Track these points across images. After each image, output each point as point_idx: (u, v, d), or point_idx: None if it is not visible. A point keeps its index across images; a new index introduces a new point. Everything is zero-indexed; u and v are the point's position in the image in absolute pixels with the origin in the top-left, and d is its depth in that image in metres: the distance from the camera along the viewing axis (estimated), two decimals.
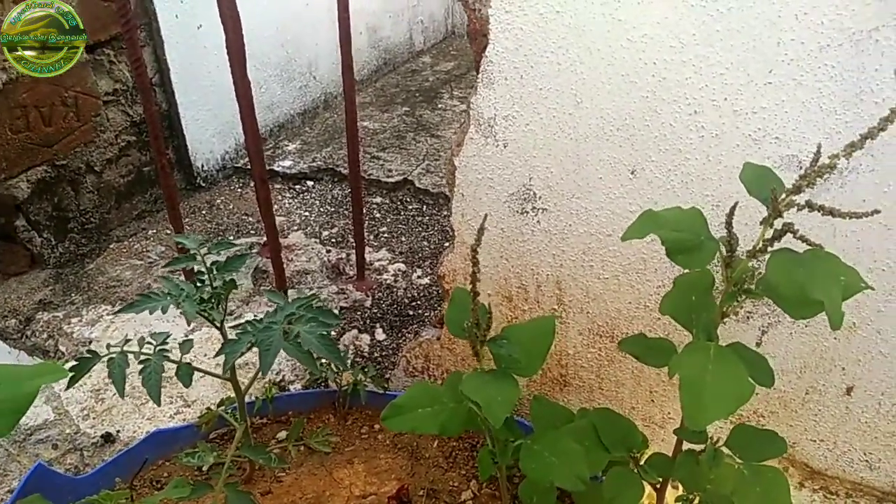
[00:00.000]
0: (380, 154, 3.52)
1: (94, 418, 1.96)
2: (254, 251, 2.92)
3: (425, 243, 2.96)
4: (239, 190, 3.39)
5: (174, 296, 1.27)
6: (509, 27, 1.36)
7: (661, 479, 1.15)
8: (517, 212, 1.55)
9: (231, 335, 1.32)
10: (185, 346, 1.42)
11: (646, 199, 1.40)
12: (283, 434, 1.78)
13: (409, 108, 4.03)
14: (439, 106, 4.07)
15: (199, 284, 1.36)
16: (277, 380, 2.12)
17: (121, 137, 2.89)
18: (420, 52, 4.83)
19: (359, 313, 2.54)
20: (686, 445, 1.16)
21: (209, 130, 3.26)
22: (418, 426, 1.02)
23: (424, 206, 3.21)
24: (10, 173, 2.53)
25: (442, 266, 1.72)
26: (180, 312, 1.31)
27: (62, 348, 2.35)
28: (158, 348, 1.33)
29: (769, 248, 0.92)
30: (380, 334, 2.44)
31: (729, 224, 0.93)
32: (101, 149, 2.81)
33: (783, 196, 0.87)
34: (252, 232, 3.08)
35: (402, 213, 3.17)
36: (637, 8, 1.25)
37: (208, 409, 1.62)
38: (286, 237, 3.03)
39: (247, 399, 1.64)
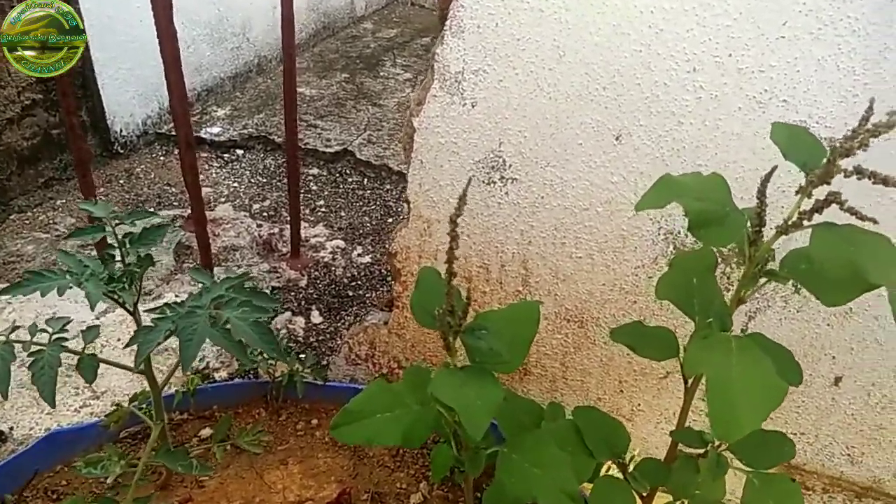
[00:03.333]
0: (317, 122, 3.28)
1: None
2: (177, 224, 2.65)
3: (366, 219, 2.76)
4: (161, 158, 3.09)
5: (75, 274, 1.04)
6: None
7: (650, 488, 1.01)
8: (483, 181, 1.37)
9: (147, 320, 1.10)
10: (89, 333, 1.18)
11: (630, 168, 1.25)
12: (206, 431, 1.56)
13: (350, 74, 3.79)
14: (381, 74, 3.84)
15: (107, 260, 1.13)
16: (200, 367, 1.89)
17: (24, 95, 2.57)
18: (361, 17, 4.57)
19: (293, 294, 2.33)
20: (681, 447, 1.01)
21: (129, 92, 2.95)
22: (376, 436, 0.83)
23: (365, 179, 2.99)
24: None
25: (394, 242, 1.53)
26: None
27: None
28: (55, 337, 1.10)
29: (805, 222, 0.76)
30: (316, 317, 2.23)
31: (762, 193, 0.77)
32: None
33: (830, 160, 0.72)
34: (175, 204, 2.80)
35: (342, 186, 2.94)
36: None
37: (118, 405, 1.39)
38: (213, 210, 2.76)
39: (165, 391, 1.42)
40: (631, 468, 1.02)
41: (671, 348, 0.94)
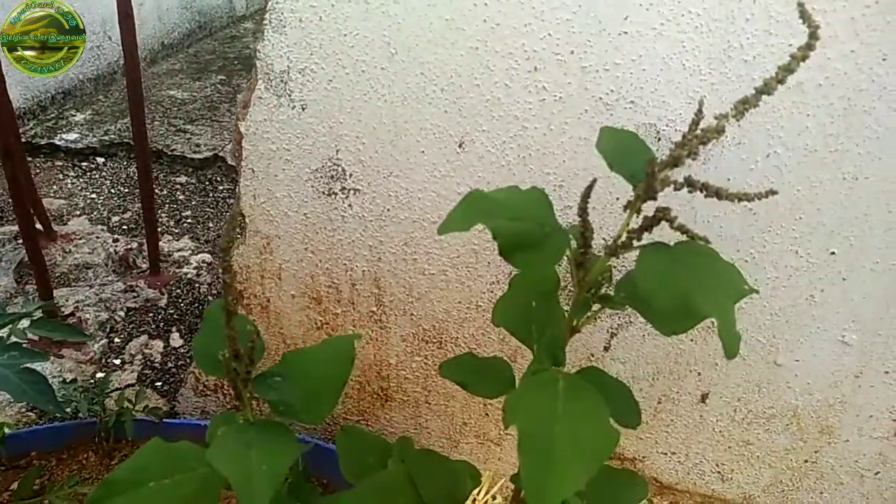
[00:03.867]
0: (187, 127, 3.06)
1: None
2: (18, 241, 2.39)
3: None
4: None
5: None
6: None
7: None
8: (323, 192, 1.24)
9: None
10: None
11: (476, 177, 1.14)
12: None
13: (226, 76, 3.58)
14: None
15: None
16: (23, 406, 1.68)
17: None
18: (242, 17, 4.35)
19: (150, 315, 2.13)
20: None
21: None
22: None
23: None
24: None
25: (232, 260, 1.37)
26: None
27: None
28: None
29: (635, 242, 0.67)
30: (176, 340, 2.04)
31: (583, 209, 0.67)
32: None
33: (659, 171, 0.63)
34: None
35: (211, 195, 2.75)
36: None
37: None
38: (65, 224, 2.52)
39: None
40: None
41: (506, 383, 0.83)
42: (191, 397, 1.61)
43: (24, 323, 1.05)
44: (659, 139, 1.02)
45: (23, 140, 2.90)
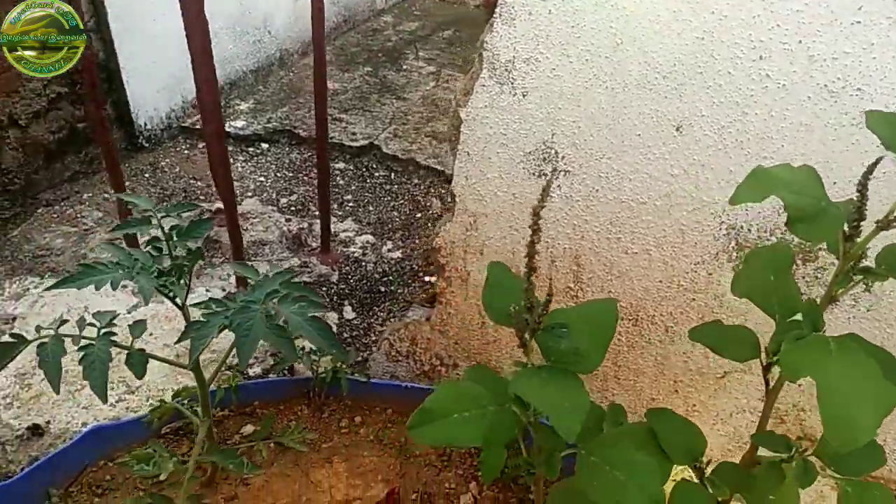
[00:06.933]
0: (342, 116, 3.25)
1: (18, 407, 1.67)
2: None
3: (395, 214, 2.72)
4: (186, 152, 3.06)
5: (127, 267, 1.01)
6: None
7: (730, 495, 0.97)
8: (533, 174, 1.33)
9: (194, 315, 1.07)
10: (137, 328, 1.15)
11: (691, 160, 1.20)
12: (248, 428, 1.53)
13: (372, 68, 3.75)
14: (404, 67, 3.80)
15: (155, 254, 1.10)
16: (234, 363, 1.87)
17: (50, 88, 2.54)
18: (381, 10, 4.53)
19: (324, 289, 2.30)
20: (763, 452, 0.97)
21: (154, 85, 2.93)
22: (456, 436, 0.80)
23: (392, 174, 2.96)
24: None
25: (438, 237, 1.49)
26: (124, 287, 1.06)
27: None
28: (103, 331, 1.07)
29: None
30: (349, 312, 2.20)
31: (864, 185, 0.73)
32: (26, 100, 2.46)
33: None
34: (202, 197, 2.78)
35: (368, 181, 2.91)
36: None
37: (161, 401, 1.37)
38: (240, 204, 2.74)
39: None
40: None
41: (753, 348, 0.90)
42: (382, 362, 1.75)
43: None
44: None
45: (196, 128, 3.17)
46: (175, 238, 1.11)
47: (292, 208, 2.72)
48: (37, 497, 1.33)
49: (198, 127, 3.15)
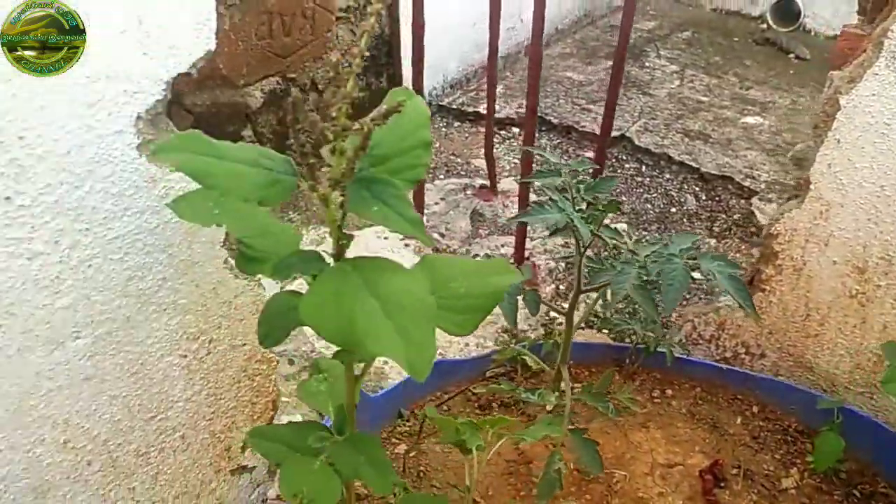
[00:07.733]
0: (590, 106, 3.31)
1: None
2: (467, 191, 2.79)
3: (648, 206, 2.75)
4: (444, 129, 3.25)
5: (565, 212, 1.12)
6: None
7: None
8: None
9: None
10: (525, 270, 1.26)
11: None
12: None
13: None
14: (647, 64, 3.80)
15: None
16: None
17: (346, 57, 2.78)
18: (618, 7, 4.55)
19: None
20: None
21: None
22: None
23: (643, 167, 2.98)
24: (248, 80, 2.47)
25: (778, 223, 1.51)
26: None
27: None
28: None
29: None
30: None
31: None
32: (325, 68, 2.72)
33: None
34: (462, 173, 2.94)
35: (619, 172, 2.95)
36: None
37: (507, 343, 1.48)
38: (498, 183, 2.87)
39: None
40: None
41: None
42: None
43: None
44: None
45: (452, 107, 3.35)
46: (582, 191, 1.20)
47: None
48: (392, 411, 1.50)
49: (454, 107, 3.33)
